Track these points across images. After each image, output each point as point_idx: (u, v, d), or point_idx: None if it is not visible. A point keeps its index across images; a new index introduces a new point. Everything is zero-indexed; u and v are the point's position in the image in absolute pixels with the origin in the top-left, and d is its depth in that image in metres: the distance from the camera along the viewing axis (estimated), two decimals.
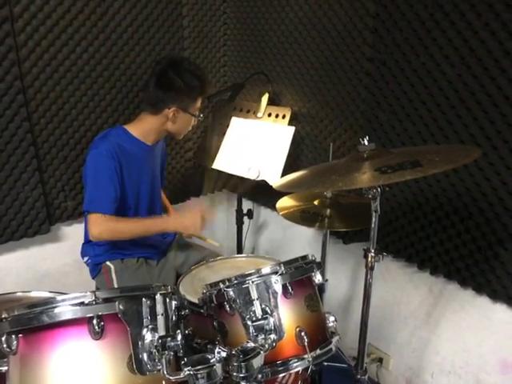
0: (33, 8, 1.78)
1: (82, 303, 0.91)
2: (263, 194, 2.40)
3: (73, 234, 2.13)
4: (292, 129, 2.02)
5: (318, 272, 1.27)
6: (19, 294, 1.52)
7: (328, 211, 1.74)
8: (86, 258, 1.84)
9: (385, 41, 1.69)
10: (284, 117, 2.11)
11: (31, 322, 0.90)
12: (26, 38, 1.79)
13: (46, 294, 1.48)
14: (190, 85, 1.70)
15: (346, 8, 1.82)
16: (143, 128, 1.75)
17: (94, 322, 0.90)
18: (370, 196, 1.24)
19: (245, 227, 2.42)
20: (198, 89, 1.73)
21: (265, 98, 2.17)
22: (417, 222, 1.77)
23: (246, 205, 2.41)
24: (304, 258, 1.27)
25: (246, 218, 2.38)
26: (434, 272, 1.79)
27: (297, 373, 1.71)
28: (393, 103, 1.73)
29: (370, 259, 1.33)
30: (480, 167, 1.53)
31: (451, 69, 1.54)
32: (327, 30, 1.91)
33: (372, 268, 1.34)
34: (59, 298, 0.92)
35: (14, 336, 0.92)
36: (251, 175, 2.04)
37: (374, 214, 1.28)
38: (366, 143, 1.24)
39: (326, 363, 1.84)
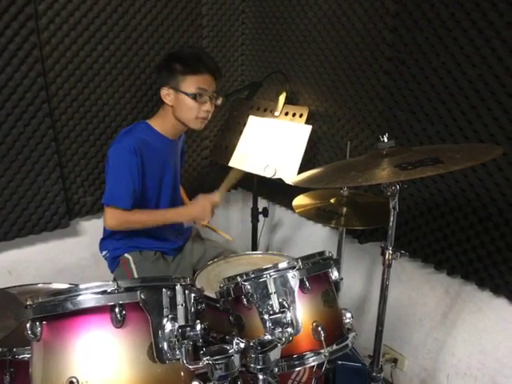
0: (56, 6, 1.81)
1: (104, 292, 0.93)
2: (279, 192, 2.42)
3: (91, 229, 2.17)
4: (309, 127, 2.02)
5: (334, 268, 1.28)
6: (40, 285, 1.57)
7: (344, 209, 1.74)
8: (104, 252, 1.87)
9: (404, 40, 1.69)
10: (301, 116, 2.12)
11: (55, 309, 0.92)
12: (50, 36, 1.83)
13: (66, 286, 1.51)
14: (177, 62, 1.70)
15: (365, 7, 1.82)
16: (162, 120, 1.78)
17: (116, 310, 0.92)
18: (388, 193, 1.24)
19: (260, 225, 2.43)
20: (186, 65, 1.69)
21: (282, 97, 2.18)
22: (434, 222, 1.76)
23: (262, 203, 2.42)
24: (321, 253, 1.27)
25: (261, 217, 2.40)
26: (451, 273, 1.77)
27: (311, 370, 1.72)
28: (411, 103, 1.73)
29: (387, 256, 1.32)
30: (500, 167, 1.52)
31: (472, 68, 1.53)
32: (346, 29, 1.92)
33: (389, 266, 1.34)
34: (83, 286, 0.94)
35: (38, 323, 0.94)
36: (267, 173, 2.05)
37: (392, 211, 1.28)
38: (386, 140, 1.24)
39: (339, 362, 1.84)
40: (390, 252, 1.32)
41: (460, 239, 1.69)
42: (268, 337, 1.06)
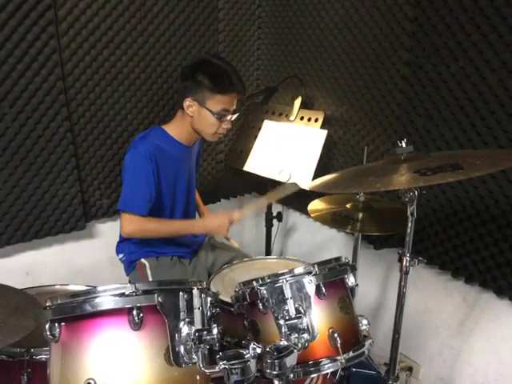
0: (76, 11, 1.84)
1: (122, 294, 0.93)
2: (293, 197, 2.41)
3: (107, 232, 2.19)
4: (324, 132, 2.02)
5: (351, 274, 1.26)
6: (57, 286, 1.58)
7: (360, 215, 1.72)
8: (121, 255, 1.88)
9: (423, 45, 1.68)
10: (317, 120, 2.12)
11: (74, 311, 0.92)
12: (69, 40, 1.86)
13: (82, 288, 1.53)
14: (207, 77, 1.65)
15: (383, 12, 1.81)
16: (178, 126, 1.77)
17: (134, 312, 0.92)
18: (406, 199, 1.23)
19: (274, 230, 2.43)
20: (215, 84, 1.65)
21: (298, 102, 2.18)
22: (452, 228, 1.74)
23: (276, 207, 2.41)
24: (337, 259, 1.26)
25: (275, 221, 2.39)
26: (468, 280, 1.75)
27: (325, 377, 1.70)
28: (429, 108, 1.71)
29: (404, 263, 1.31)
30: None
31: (491, 73, 1.52)
32: (363, 33, 1.91)
33: (407, 273, 1.32)
34: (101, 288, 0.94)
35: (56, 324, 0.94)
36: (282, 178, 2.05)
37: (410, 217, 1.26)
38: (404, 146, 1.23)
39: (354, 369, 1.82)
40: (408, 259, 1.31)
41: (478, 246, 1.67)
42: (284, 342, 1.05)
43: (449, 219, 1.74)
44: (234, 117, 1.76)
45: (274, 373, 1.00)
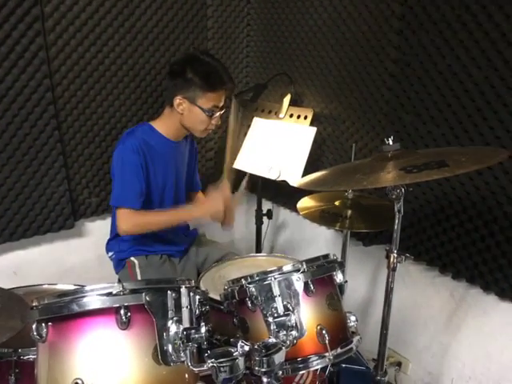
0: (63, 8, 1.82)
1: (110, 293, 0.93)
2: (283, 194, 2.42)
3: (96, 230, 2.18)
4: (314, 129, 2.02)
5: (339, 271, 1.27)
6: (45, 286, 1.57)
7: (349, 212, 1.73)
8: (110, 253, 1.87)
9: (410, 42, 1.69)
10: (306, 118, 2.12)
11: (61, 311, 0.92)
12: (56, 37, 1.84)
13: (71, 287, 1.52)
14: (197, 75, 1.66)
15: (371, 9, 1.82)
16: (165, 123, 1.78)
17: (122, 312, 0.91)
18: (393, 196, 1.24)
19: (264, 227, 2.43)
20: (206, 82, 1.66)
21: (287, 99, 2.18)
22: (439, 225, 1.76)
23: (266, 205, 2.42)
24: (326, 256, 1.27)
25: (265, 219, 2.40)
26: (456, 276, 1.77)
27: (315, 373, 1.72)
28: (417, 105, 1.72)
29: (392, 260, 1.32)
30: (505, 170, 1.52)
31: (478, 71, 1.53)
32: (352, 31, 1.91)
33: (394, 269, 1.34)
34: (88, 287, 0.94)
35: (43, 324, 0.94)
36: (272, 175, 2.05)
37: (397, 214, 1.27)
38: (391, 143, 1.24)
39: (343, 365, 1.84)
40: (395, 255, 1.32)
41: (465, 242, 1.69)
42: (272, 340, 1.06)
43: (436, 215, 1.76)
44: (222, 112, 1.77)
45: (263, 370, 1.00)
